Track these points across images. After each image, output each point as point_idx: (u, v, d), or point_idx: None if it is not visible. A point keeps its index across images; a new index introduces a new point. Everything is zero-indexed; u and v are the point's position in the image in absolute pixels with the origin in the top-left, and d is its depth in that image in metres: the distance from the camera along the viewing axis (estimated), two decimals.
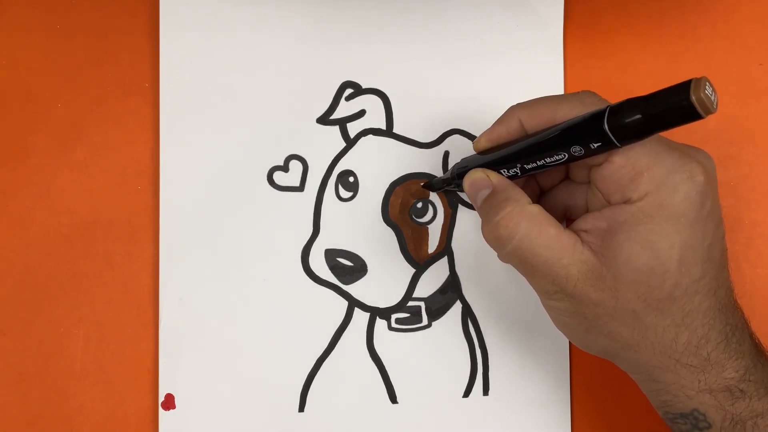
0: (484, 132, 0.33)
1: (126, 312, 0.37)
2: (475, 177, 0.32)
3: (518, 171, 0.31)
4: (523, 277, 0.31)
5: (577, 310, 0.29)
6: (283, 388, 0.37)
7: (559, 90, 0.37)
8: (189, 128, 0.37)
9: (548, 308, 0.31)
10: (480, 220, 0.37)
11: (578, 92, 0.31)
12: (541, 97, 0.31)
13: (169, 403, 0.36)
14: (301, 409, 0.37)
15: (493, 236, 0.30)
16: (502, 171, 0.31)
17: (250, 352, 0.37)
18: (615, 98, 0.38)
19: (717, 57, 0.38)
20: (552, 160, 0.29)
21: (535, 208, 0.29)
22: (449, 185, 0.35)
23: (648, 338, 0.28)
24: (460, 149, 0.37)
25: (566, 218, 0.35)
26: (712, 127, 0.37)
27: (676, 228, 0.27)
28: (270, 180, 0.37)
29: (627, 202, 0.28)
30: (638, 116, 0.25)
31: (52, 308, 0.37)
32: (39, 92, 0.37)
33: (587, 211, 0.33)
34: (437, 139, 0.37)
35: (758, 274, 0.37)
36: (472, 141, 0.37)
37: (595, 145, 0.27)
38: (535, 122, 0.31)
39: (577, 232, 0.29)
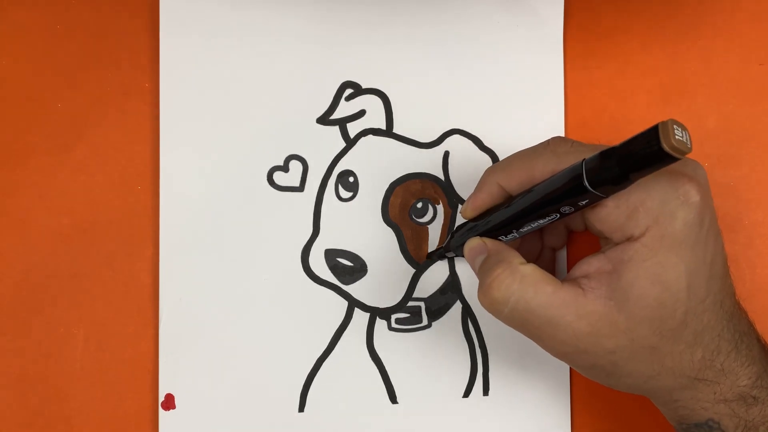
0: (468, 200, 0.33)
1: (126, 312, 0.37)
2: (473, 244, 0.32)
3: (516, 234, 0.31)
4: None
5: (594, 362, 0.29)
6: (283, 388, 0.37)
7: (559, 91, 0.37)
8: (189, 128, 0.37)
9: (566, 363, 0.31)
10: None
11: (548, 141, 0.30)
12: (514, 155, 0.31)
13: (169, 403, 0.36)
14: (301, 409, 0.37)
15: (488, 300, 0.29)
16: (500, 237, 0.32)
17: (250, 351, 0.37)
18: (615, 99, 0.38)
19: (717, 57, 0.38)
20: (545, 220, 0.29)
21: (529, 268, 0.29)
22: (451, 254, 0.36)
23: (666, 366, 0.28)
24: (460, 149, 0.37)
25: (569, 232, 0.35)
26: (712, 127, 0.37)
27: (680, 256, 0.27)
28: (270, 180, 0.37)
29: (629, 239, 0.28)
30: (615, 168, 0.25)
31: (52, 308, 0.37)
32: (39, 92, 0.37)
33: (585, 225, 0.33)
34: (437, 139, 0.37)
35: (758, 275, 0.37)
36: (472, 140, 0.37)
37: (583, 201, 0.27)
38: (514, 184, 0.31)
39: (577, 281, 0.29)
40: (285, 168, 0.37)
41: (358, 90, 0.37)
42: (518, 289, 0.28)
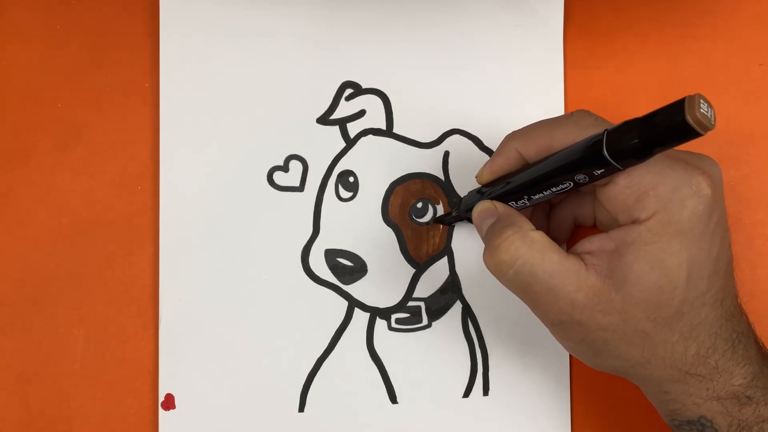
0: (485, 165, 0.33)
1: (126, 312, 0.37)
2: (483, 207, 0.32)
3: (526, 202, 0.31)
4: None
5: (585, 336, 0.29)
6: (283, 388, 0.37)
7: (558, 91, 0.37)
8: (189, 128, 0.37)
9: (555, 335, 0.31)
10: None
11: (572, 113, 0.30)
12: (536, 123, 0.31)
13: (169, 403, 0.36)
14: (301, 409, 0.37)
15: (494, 261, 0.29)
16: (510, 203, 0.32)
17: (250, 351, 0.37)
18: (615, 99, 0.38)
19: (717, 57, 0.38)
20: (558, 189, 0.29)
21: (538, 235, 0.29)
22: (460, 218, 0.36)
23: (658, 354, 0.28)
24: (460, 149, 0.37)
25: (575, 226, 0.35)
26: None
27: (683, 244, 0.27)
28: (270, 180, 0.37)
29: (635, 222, 0.28)
30: (636, 140, 0.25)
31: (52, 308, 0.37)
32: (39, 92, 0.37)
33: (595, 219, 0.33)
34: (437, 139, 0.37)
35: (758, 275, 0.37)
36: (472, 140, 0.37)
37: (598, 171, 0.27)
38: (533, 151, 0.31)
39: (580, 256, 0.29)
40: (285, 168, 0.37)
41: (358, 90, 0.37)
42: (526, 253, 0.28)
